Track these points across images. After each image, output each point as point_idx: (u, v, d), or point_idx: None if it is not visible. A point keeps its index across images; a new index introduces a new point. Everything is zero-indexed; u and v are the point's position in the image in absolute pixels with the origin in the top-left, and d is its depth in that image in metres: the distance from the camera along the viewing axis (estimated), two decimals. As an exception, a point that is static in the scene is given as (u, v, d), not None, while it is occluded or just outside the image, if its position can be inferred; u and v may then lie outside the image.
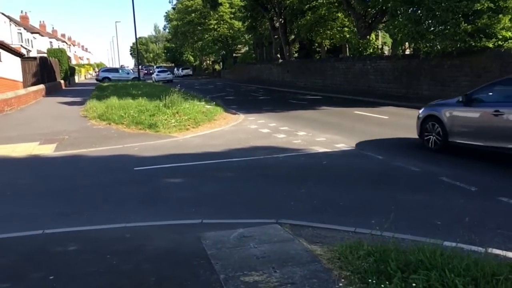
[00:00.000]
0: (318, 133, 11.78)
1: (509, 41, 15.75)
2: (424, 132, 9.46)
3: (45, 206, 6.52)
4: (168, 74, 50.06)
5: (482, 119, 8.20)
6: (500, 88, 8.37)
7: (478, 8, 15.24)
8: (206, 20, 57.13)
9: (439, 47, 16.85)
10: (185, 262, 3.99)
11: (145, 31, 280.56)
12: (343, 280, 3.42)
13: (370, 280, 3.29)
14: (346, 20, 31.02)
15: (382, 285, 3.19)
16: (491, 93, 8.41)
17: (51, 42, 69.94)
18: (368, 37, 26.30)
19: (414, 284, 3.14)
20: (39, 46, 60.57)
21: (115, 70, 53.15)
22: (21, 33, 51.56)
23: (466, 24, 15.53)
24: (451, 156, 8.65)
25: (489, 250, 3.83)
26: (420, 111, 9.83)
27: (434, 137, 9.19)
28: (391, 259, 3.48)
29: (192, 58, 79.61)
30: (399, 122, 13.12)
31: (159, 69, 55.76)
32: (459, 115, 8.70)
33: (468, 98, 8.49)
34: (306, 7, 32.23)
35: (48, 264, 4.13)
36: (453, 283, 3.09)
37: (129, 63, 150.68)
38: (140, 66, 56.10)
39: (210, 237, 4.60)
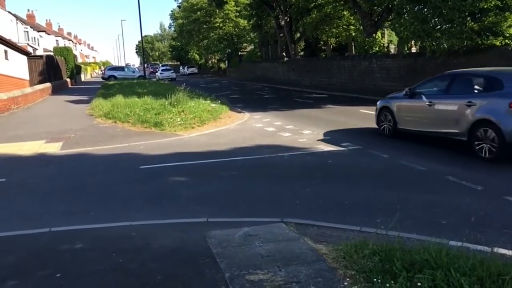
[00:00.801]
0: (324, 131, 11.76)
1: (516, 39, 15.67)
2: (380, 121, 11.12)
3: (51, 204, 6.57)
4: (172, 72, 52.29)
5: (420, 109, 9.74)
6: (434, 83, 10.10)
7: (485, 7, 15.14)
8: (212, 19, 57.15)
9: (445, 46, 16.75)
10: (191, 261, 4.01)
11: (151, 30, 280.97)
12: (348, 279, 3.42)
13: (375, 280, 3.29)
14: (352, 18, 30.92)
15: (387, 285, 3.19)
16: (427, 88, 10.01)
17: (57, 40, 70.32)
18: (374, 35, 26.23)
19: (419, 284, 3.14)
20: (45, 44, 60.91)
21: (121, 68, 53.30)
22: (27, 32, 51.86)
23: (472, 23, 15.45)
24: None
25: (495, 249, 3.81)
26: (378, 103, 11.41)
27: (387, 125, 10.79)
28: (396, 259, 3.48)
29: (198, 57, 79.66)
30: None
31: (163, 68, 58.39)
32: (404, 106, 10.39)
33: (411, 92, 10.15)
34: (312, 5, 32.16)
35: (54, 262, 4.16)
36: (459, 283, 3.08)
37: (135, 61, 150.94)
38: (145, 65, 56.28)
39: (215, 235, 4.62)
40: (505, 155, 7.84)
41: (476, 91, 8.69)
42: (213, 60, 74.99)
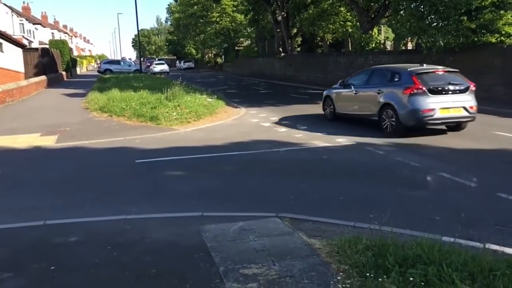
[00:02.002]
0: (319, 127, 11.78)
1: (512, 37, 15.71)
2: (324, 107, 13.57)
3: (46, 197, 6.57)
4: (165, 66, 53.71)
5: (350, 97, 12.10)
6: (360, 76, 12.29)
7: (482, 4, 15.17)
8: (209, 13, 56.97)
9: (441, 43, 16.78)
10: (186, 255, 4.03)
11: (147, 23, 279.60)
12: (341, 273, 3.46)
13: (368, 274, 3.32)
14: (348, 14, 30.90)
15: (380, 279, 3.22)
16: (355, 80, 12.28)
17: (52, 33, 69.90)
18: (370, 32, 26.17)
19: (411, 279, 3.17)
20: (40, 37, 60.54)
21: (117, 62, 53.10)
22: (23, 24, 51.52)
23: (468, 22, 15.47)
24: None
25: (487, 245, 3.86)
26: (324, 93, 13.71)
27: (329, 110, 13.22)
28: (389, 254, 3.51)
29: (194, 51, 79.40)
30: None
31: (156, 62, 59.76)
32: (340, 95, 12.66)
33: (344, 83, 12.52)
34: (309, 1, 32.12)
35: (49, 255, 4.17)
36: (450, 278, 3.12)
37: (131, 55, 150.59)
38: (142, 59, 56.13)
39: (210, 230, 4.64)
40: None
41: (384, 82, 10.96)
42: (210, 54, 74.80)
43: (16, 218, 5.44)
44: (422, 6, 17.79)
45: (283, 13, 35.59)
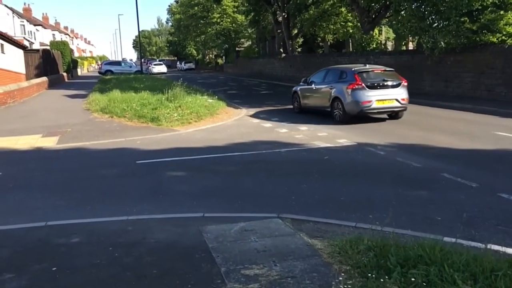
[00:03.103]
0: (320, 128, 11.79)
1: (513, 37, 15.70)
2: (293, 102, 15.47)
3: (47, 198, 6.57)
4: (163, 67, 56.60)
5: (311, 92, 14.21)
6: (319, 74, 14.28)
7: (483, 4, 15.15)
8: (209, 14, 56.97)
9: (443, 44, 16.77)
10: (187, 255, 4.03)
11: (148, 24, 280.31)
12: (343, 274, 3.45)
13: (369, 275, 3.32)
14: (349, 15, 30.91)
15: (382, 280, 3.22)
16: (316, 77, 14.28)
17: (53, 34, 69.98)
18: (371, 32, 26.17)
19: (413, 279, 3.17)
20: (41, 38, 60.62)
21: (118, 63, 53.13)
22: (24, 25, 51.61)
23: (470, 24, 15.45)
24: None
25: (489, 246, 3.86)
26: (292, 89, 15.58)
27: (296, 104, 15.13)
28: (390, 254, 3.51)
29: (195, 52, 79.43)
30: (401, 118, 13.10)
31: (155, 62, 63.24)
32: (304, 90, 14.63)
33: (307, 81, 14.52)
34: (310, 1, 32.11)
35: (50, 256, 4.17)
36: (452, 278, 3.12)
37: (132, 56, 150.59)
38: (142, 59, 56.24)
39: (211, 230, 4.64)
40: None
41: (335, 79, 13.04)
42: (210, 55, 74.81)
43: (18, 219, 5.45)
44: (423, 7, 17.78)
45: (283, 14, 35.58)
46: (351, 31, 32.34)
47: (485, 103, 14.43)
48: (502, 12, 15.44)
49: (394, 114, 12.85)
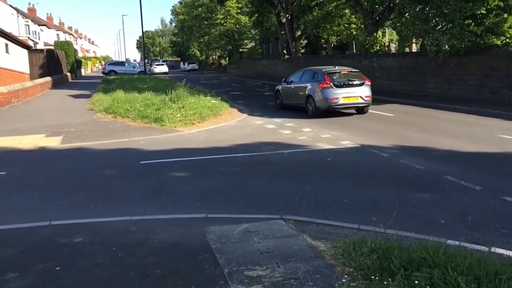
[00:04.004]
0: (323, 129, 11.78)
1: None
2: (275, 99, 17.23)
3: (51, 198, 6.59)
4: (164, 67, 57.67)
5: (289, 91, 15.98)
6: (296, 75, 16.02)
7: (487, 8, 15.10)
8: (213, 15, 57.02)
9: (447, 47, 16.74)
10: (190, 256, 4.04)
11: (152, 25, 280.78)
12: (346, 276, 3.45)
13: (373, 277, 3.31)
14: (353, 17, 30.90)
15: (385, 282, 3.21)
16: (294, 78, 16.03)
17: (58, 34, 70.13)
18: (375, 34, 26.13)
19: (417, 282, 3.16)
20: (46, 38, 60.77)
21: (121, 63, 53.27)
22: (28, 25, 51.73)
23: (475, 27, 15.40)
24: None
25: (493, 249, 3.84)
26: (276, 87, 17.35)
27: (279, 101, 16.77)
28: (394, 257, 3.50)
29: (198, 53, 79.50)
30: (404, 120, 13.09)
31: (157, 63, 64.65)
32: (284, 89, 16.43)
33: (287, 80, 16.29)
34: (313, 3, 32.12)
35: (54, 255, 4.18)
36: (456, 282, 3.10)
37: (135, 56, 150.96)
38: (146, 60, 56.40)
39: (214, 231, 4.64)
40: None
41: (309, 79, 14.70)
42: (214, 56, 74.84)
43: (22, 219, 5.47)
44: (427, 9, 17.75)
45: (287, 15, 35.59)
46: (354, 32, 32.33)
47: (489, 106, 14.38)
48: (506, 15, 15.40)
49: (360, 110, 14.51)
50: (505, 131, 10.66)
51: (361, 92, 13.90)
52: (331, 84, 13.73)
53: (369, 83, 14.33)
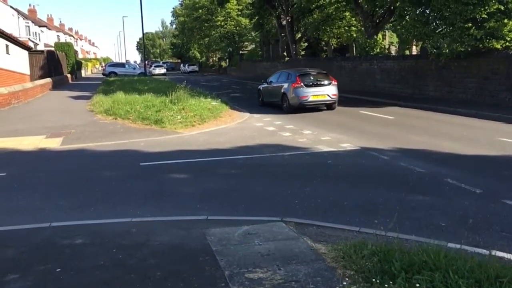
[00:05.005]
0: (324, 132, 11.78)
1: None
2: (258, 97, 19.21)
3: (51, 199, 6.59)
4: (162, 68, 60.57)
5: (269, 90, 17.98)
6: (275, 76, 18.09)
7: (488, 11, 15.11)
8: (213, 17, 57.05)
9: (447, 51, 16.76)
10: (191, 258, 4.04)
11: (152, 27, 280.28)
12: (347, 279, 3.45)
13: (374, 280, 3.31)
14: (353, 19, 30.91)
15: (386, 285, 3.21)
16: (273, 78, 18.04)
17: (58, 36, 70.18)
18: (375, 36, 26.17)
19: (417, 285, 3.16)
20: (46, 39, 60.84)
21: (122, 65, 53.32)
22: (28, 27, 51.78)
23: (476, 31, 15.40)
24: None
25: (493, 252, 3.84)
26: (258, 87, 19.64)
27: (260, 99, 18.89)
28: (395, 259, 3.50)
29: (199, 55, 79.52)
30: (405, 122, 13.10)
31: (155, 64, 67.59)
32: (264, 88, 18.55)
33: (267, 80, 18.39)
34: (314, 5, 32.15)
35: (55, 257, 4.18)
36: (457, 285, 3.10)
37: (136, 58, 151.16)
38: (146, 62, 56.44)
39: (215, 233, 4.64)
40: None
41: (285, 80, 16.64)
42: (214, 58, 74.89)
43: (22, 220, 5.47)
44: (427, 12, 17.77)
45: (288, 18, 35.62)
46: (355, 35, 32.34)
47: (489, 109, 14.39)
48: (506, 21, 15.42)
49: (328, 106, 16.38)
50: (505, 134, 10.67)
51: (328, 91, 15.81)
52: (302, 84, 15.64)
53: (336, 83, 16.21)
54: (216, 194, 6.66)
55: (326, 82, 15.99)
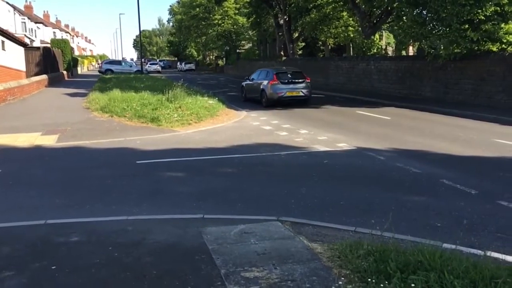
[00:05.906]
0: (320, 131, 11.80)
1: (514, 45, 15.72)
2: (241, 93, 20.94)
3: (47, 196, 6.57)
4: (157, 66, 62.51)
5: (251, 86, 19.54)
6: (256, 74, 19.52)
7: (485, 14, 15.16)
8: (211, 15, 56.98)
9: (443, 53, 16.82)
10: (187, 256, 4.04)
11: (149, 24, 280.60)
12: (342, 278, 3.46)
13: (369, 280, 3.32)
14: (350, 19, 30.98)
15: (381, 285, 3.23)
16: (254, 76, 19.53)
17: (54, 32, 69.93)
18: (372, 37, 26.23)
19: (413, 285, 3.18)
20: (42, 36, 60.59)
21: (118, 62, 53.14)
22: (25, 23, 51.53)
23: (472, 33, 15.46)
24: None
25: (488, 253, 3.86)
26: (241, 83, 21.17)
27: (243, 95, 20.52)
28: (390, 259, 3.51)
29: (196, 53, 79.47)
30: (401, 123, 13.14)
31: (151, 62, 68.81)
32: (247, 84, 20.10)
33: (249, 78, 20.03)
34: (311, 5, 32.17)
35: (50, 254, 4.17)
36: (452, 285, 3.12)
37: (132, 55, 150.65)
38: (143, 59, 56.39)
39: (211, 232, 4.64)
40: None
41: (264, 77, 18.21)
42: (211, 56, 74.84)
43: (17, 217, 5.45)
44: (424, 13, 17.82)
45: (285, 17, 35.62)
46: (352, 35, 32.40)
47: (485, 110, 14.46)
48: (502, 25, 15.52)
49: (302, 101, 17.75)
50: (501, 135, 10.72)
51: (302, 88, 17.53)
52: (279, 81, 17.38)
53: (309, 81, 17.96)
54: (212, 192, 6.66)
55: (300, 79, 17.71)
